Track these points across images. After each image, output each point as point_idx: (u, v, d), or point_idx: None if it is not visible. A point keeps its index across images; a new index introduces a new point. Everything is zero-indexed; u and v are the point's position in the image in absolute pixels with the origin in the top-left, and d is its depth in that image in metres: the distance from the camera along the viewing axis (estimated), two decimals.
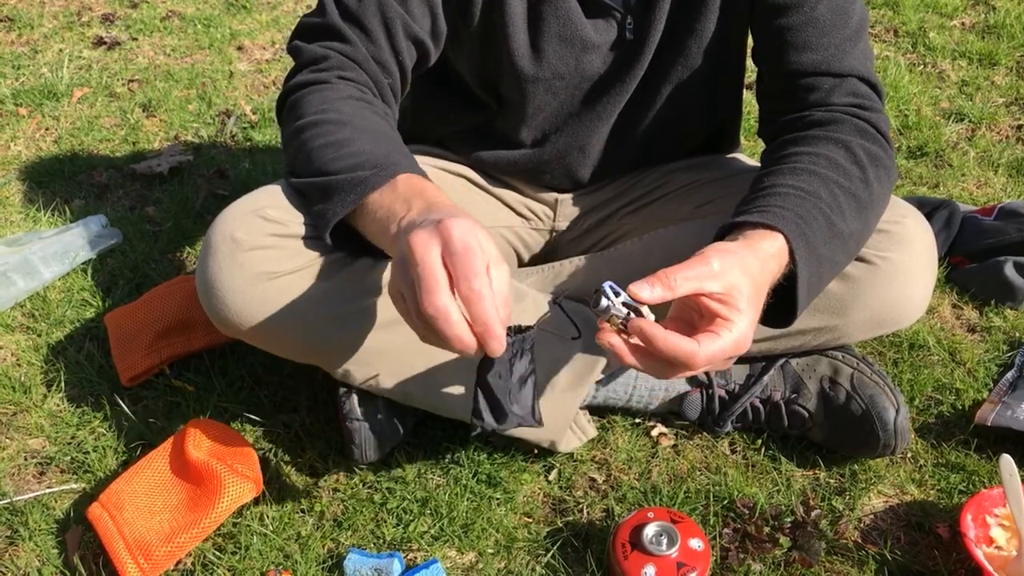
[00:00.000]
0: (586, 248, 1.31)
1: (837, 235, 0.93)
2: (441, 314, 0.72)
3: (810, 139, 1.01)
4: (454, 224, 0.74)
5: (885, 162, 1.01)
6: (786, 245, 0.88)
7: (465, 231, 0.73)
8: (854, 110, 1.03)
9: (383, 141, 0.96)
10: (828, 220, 0.93)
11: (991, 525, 1.06)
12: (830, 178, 0.95)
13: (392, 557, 1.03)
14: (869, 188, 0.98)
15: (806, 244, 0.89)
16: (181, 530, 1.04)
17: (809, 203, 0.92)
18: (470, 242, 0.73)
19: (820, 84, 1.04)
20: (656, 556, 0.98)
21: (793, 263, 0.88)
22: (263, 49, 2.30)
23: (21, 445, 1.22)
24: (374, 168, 0.90)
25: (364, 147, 0.93)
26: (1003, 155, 1.83)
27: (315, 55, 1.03)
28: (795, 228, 0.89)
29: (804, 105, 1.06)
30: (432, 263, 0.73)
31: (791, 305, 0.91)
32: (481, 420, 0.80)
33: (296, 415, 1.26)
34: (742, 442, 1.22)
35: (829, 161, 0.97)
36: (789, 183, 0.95)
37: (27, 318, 1.44)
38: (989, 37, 2.31)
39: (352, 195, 0.89)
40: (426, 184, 0.89)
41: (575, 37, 1.09)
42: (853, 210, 0.96)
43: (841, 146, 0.99)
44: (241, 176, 1.78)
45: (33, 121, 1.97)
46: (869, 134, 1.01)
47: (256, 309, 0.97)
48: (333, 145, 0.94)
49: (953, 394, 1.28)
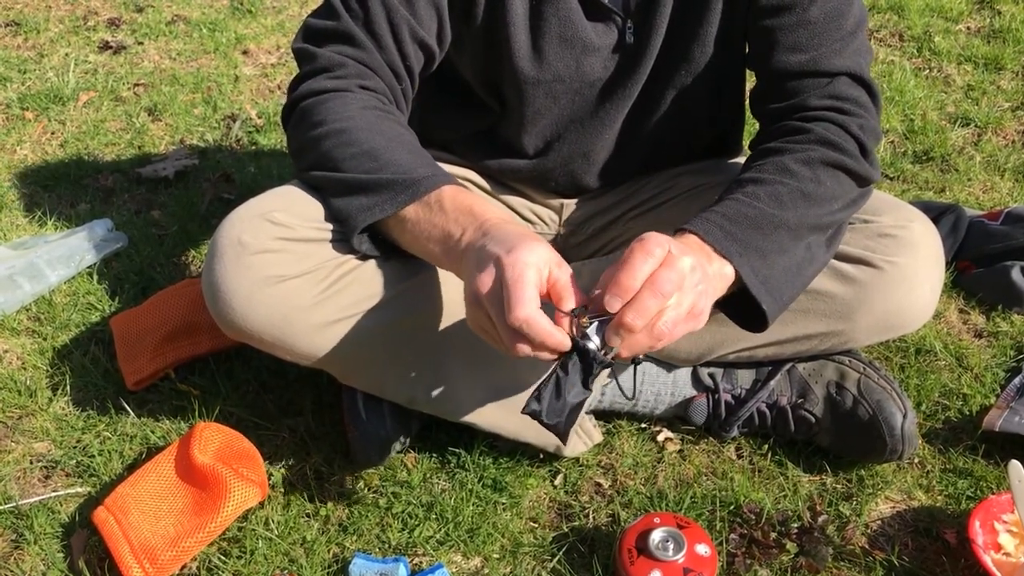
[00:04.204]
0: (591, 252, 1.31)
1: (779, 224, 0.95)
2: (528, 321, 0.79)
3: (769, 151, 1.03)
4: (508, 264, 0.80)
5: (845, 164, 1.01)
6: (697, 238, 0.91)
7: (518, 268, 0.80)
8: (830, 114, 1.03)
9: (415, 153, 0.98)
10: (762, 213, 0.95)
11: (999, 531, 1.05)
12: (773, 179, 0.98)
13: (398, 562, 1.03)
14: (820, 185, 0.99)
15: (728, 236, 0.91)
16: (186, 534, 1.04)
17: (741, 203, 0.95)
18: (524, 270, 0.80)
19: (804, 86, 1.05)
20: (663, 561, 0.97)
21: (721, 254, 0.90)
22: (268, 53, 2.31)
23: (26, 449, 1.22)
24: (413, 177, 0.92)
25: (402, 158, 0.95)
26: (1009, 159, 1.83)
27: (331, 61, 1.02)
28: (712, 227, 0.92)
29: (785, 109, 1.06)
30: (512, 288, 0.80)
31: (753, 296, 0.93)
32: (533, 407, 0.85)
33: (301, 419, 1.26)
34: (748, 447, 1.22)
35: (775, 166, 1.00)
36: (729, 194, 0.98)
37: (33, 322, 1.44)
38: (995, 41, 2.30)
39: (394, 201, 0.92)
40: (471, 199, 0.91)
41: (575, 38, 1.09)
42: (798, 202, 0.97)
43: (794, 153, 1.00)
44: (247, 180, 1.79)
45: (39, 125, 1.97)
46: (831, 142, 1.01)
47: (262, 313, 0.97)
48: (369, 153, 0.95)
49: (960, 399, 1.28)
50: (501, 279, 0.81)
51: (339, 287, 0.99)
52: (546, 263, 0.82)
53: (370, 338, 1.01)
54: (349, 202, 0.95)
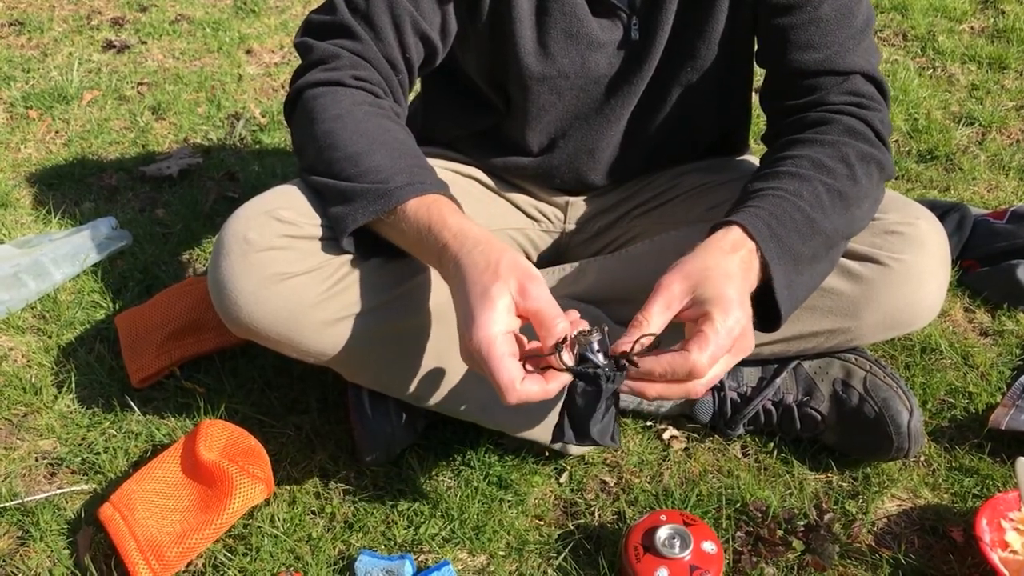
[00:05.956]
0: (597, 250, 1.31)
1: (818, 232, 0.95)
2: (523, 398, 0.81)
3: (798, 142, 1.02)
4: (473, 347, 0.81)
5: (876, 157, 1.01)
6: (744, 234, 0.90)
7: (484, 350, 0.80)
8: (851, 108, 1.03)
9: (401, 154, 0.98)
10: (807, 217, 0.94)
11: (1006, 529, 1.05)
12: (813, 177, 0.97)
13: (403, 559, 1.03)
14: (857, 184, 0.99)
15: (774, 238, 0.91)
16: (192, 531, 1.04)
17: (787, 202, 0.94)
18: (489, 348, 0.80)
19: (822, 83, 1.05)
20: (669, 559, 0.97)
21: (762, 256, 0.90)
22: (272, 53, 2.31)
23: (32, 446, 1.22)
24: (387, 187, 0.92)
25: (382, 162, 0.95)
26: (1014, 158, 1.83)
27: (326, 53, 1.03)
28: (760, 224, 0.91)
29: (804, 106, 1.06)
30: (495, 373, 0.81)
31: (775, 302, 0.92)
32: (562, 438, 0.86)
33: (307, 416, 1.26)
34: (754, 445, 1.21)
35: (812, 162, 0.99)
36: (770, 185, 0.97)
37: (38, 320, 1.44)
38: (998, 41, 2.30)
39: (371, 208, 0.92)
40: (429, 216, 0.90)
41: (581, 34, 1.09)
42: (838, 206, 0.97)
43: (828, 146, 1.00)
44: (251, 179, 1.79)
45: (43, 124, 1.97)
46: (859, 133, 1.02)
47: (268, 310, 0.97)
48: (351, 158, 0.95)
49: (966, 397, 1.28)
50: (476, 360, 0.82)
51: (345, 284, 0.99)
52: (505, 308, 0.82)
53: (376, 335, 1.01)
54: (334, 208, 0.96)
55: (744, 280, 0.88)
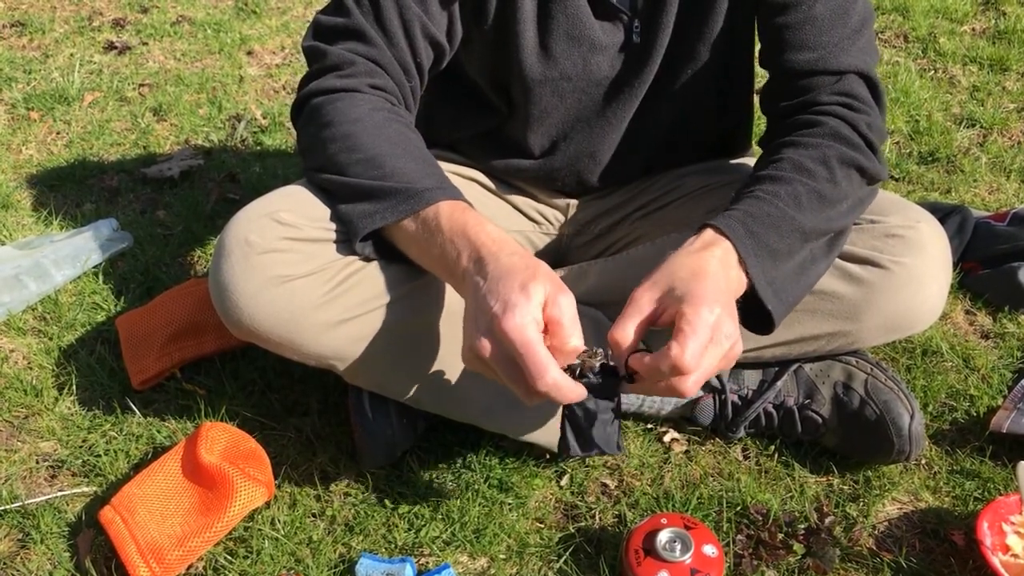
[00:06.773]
0: (597, 252, 1.31)
1: (796, 228, 0.95)
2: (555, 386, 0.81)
3: (784, 145, 1.03)
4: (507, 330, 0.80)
5: (858, 162, 1.01)
6: (716, 233, 0.91)
7: (518, 334, 0.80)
8: (840, 110, 1.03)
9: (423, 161, 0.98)
10: (783, 213, 0.95)
11: (1007, 532, 1.05)
12: (793, 179, 0.98)
13: (404, 562, 1.03)
14: (836, 186, 1.00)
15: (749, 235, 0.92)
16: (193, 534, 1.04)
17: (763, 201, 0.96)
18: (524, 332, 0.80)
19: (814, 84, 1.05)
20: (670, 562, 0.97)
21: (739, 252, 0.91)
22: (273, 54, 2.31)
23: (33, 448, 1.22)
24: (416, 188, 0.92)
25: (407, 165, 0.95)
26: (1015, 160, 1.83)
27: (341, 59, 1.02)
28: (733, 222, 0.92)
29: (796, 107, 1.06)
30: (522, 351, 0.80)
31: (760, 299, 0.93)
32: (567, 450, 0.89)
33: (307, 419, 1.25)
34: (755, 448, 1.21)
35: (793, 164, 1.00)
36: (749, 189, 0.99)
37: (39, 321, 1.44)
38: (1000, 43, 2.30)
39: (401, 207, 0.92)
40: (466, 219, 0.90)
41: (583, 36, 1.09)
42: (815, 205, 0.98)
43: (811, 148, 1.01)
44: (252, 180, 1.79)
45: (44, 125, 1.97)
46: (843, 136, 1.02)
47: (269, 312, 0.97)
48: (373, 160, 0.95)
49: (967, 400, 1.28)
50: (506, 347, 0.81)
51: (346, 287, 0.99)
52: (539, 304, 0.82)
53: (377, 338, 1.01)
54: (352, 207, 0.96)
55: (722, 276, 0.88)
